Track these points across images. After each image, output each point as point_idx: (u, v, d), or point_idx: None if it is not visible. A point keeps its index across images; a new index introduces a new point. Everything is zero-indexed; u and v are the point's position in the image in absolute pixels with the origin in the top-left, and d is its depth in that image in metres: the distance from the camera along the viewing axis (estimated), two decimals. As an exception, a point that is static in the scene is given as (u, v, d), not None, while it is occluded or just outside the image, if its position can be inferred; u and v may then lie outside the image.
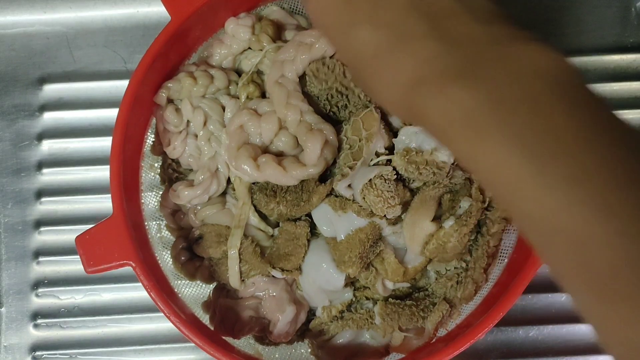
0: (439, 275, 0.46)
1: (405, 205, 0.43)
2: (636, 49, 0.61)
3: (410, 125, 0.42)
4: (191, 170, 0.47)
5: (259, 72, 0.47)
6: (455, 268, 0.45)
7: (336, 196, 0.43)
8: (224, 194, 0.46)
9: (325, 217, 0.43)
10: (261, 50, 0.45)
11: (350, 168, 0.41)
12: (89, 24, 0.60)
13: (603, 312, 0.23)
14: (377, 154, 0.43)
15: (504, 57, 0.26)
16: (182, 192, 0.45)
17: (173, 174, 0.47)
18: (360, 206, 0.41)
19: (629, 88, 0.61)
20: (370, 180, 0.41)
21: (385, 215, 0.41)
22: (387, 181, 0.41)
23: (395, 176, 0.42)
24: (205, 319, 0.47)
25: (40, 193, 0.59)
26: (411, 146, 0.42)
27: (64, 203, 0.59)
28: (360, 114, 0.42)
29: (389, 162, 0.43)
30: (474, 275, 0.44)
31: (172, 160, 0.47)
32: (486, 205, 0.43)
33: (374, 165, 0.42)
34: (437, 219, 0.43)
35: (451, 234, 0.41)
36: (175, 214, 0.47)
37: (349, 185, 0.42)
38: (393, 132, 0.43)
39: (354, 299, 0.46)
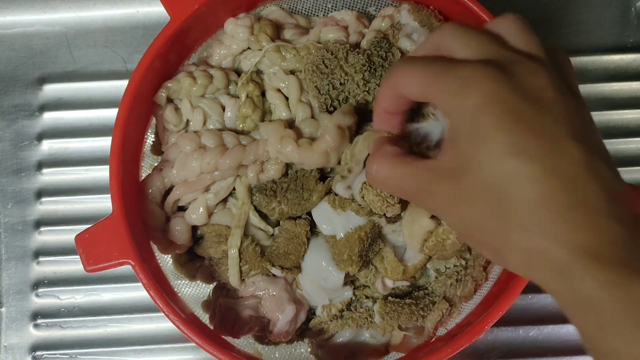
0: (438, 274, 0.46)
1: (405, 204, 0.42)
2: (636, 49, 0.61)
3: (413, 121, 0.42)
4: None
5: (259, 72, 0.47)
6: (454, 266, 0.45)
7: (335, 194, 0.43)
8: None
9: (325, 216, 0.43)
10: (260, 50, 0.45)
11: (349, 171, 0.41)
12: (89, 24, 0.60)
13: None
14: None
15: None
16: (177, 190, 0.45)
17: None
18: (359, 205, 0.41)
19: (629, 88, 0.61)
20: None
21: (384, 214, 0.41)
22: None
23: None
24: (205, 318, 0.47)
25: (40, 193, 0.59)
26: None
27: (64, 203, 0.59)
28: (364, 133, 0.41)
29: None
30: (473, 273, 0.44)
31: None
32: None
33: None
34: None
35: (450, 231, 0.41)
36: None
37: (349, 187, 0.42)
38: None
39: (353, 298, 0.46)
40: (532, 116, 0.28)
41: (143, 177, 0.46)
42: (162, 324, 0.58)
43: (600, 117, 0.60)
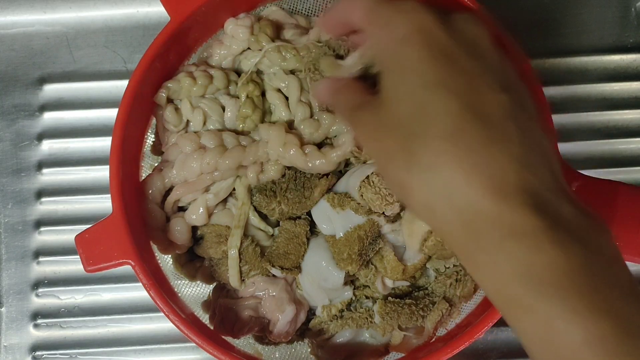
0: (438, 274, 0.46)
1: None
2: (636, 49, 0.61)
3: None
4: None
5: (259, 72, 0.47)
6: (454, 266, 0.45)
7: (335, 193, 0.43)
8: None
9: (324, 215, 0.43)
10: (260, 50, 0.45)
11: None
12: (89, 24, 0.60)
13: None
14: None
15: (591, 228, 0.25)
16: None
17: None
18: (359, 204, 0.41)
19: (629, 88, 0.61)
20: (367, 177, 0.41)
21: (383, 213, 0.41)
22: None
23: None
24: (205, 318, 0.47)
25: (40, 193, 0.59)
26: None
27: (64, 203, 0.59)
28: None
29: None
30: None
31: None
32: None
33: (371, 162, 0.43)
34: None
35: None
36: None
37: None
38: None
39: (353, 298, 0.46)
40: (460, 55, 0.27)
41: (143, 177, 0.46)
42: (162, 324, 0.58)
43: (600, 117, 0.60)
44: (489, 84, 0.27)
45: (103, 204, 0.59)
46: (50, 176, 0.59)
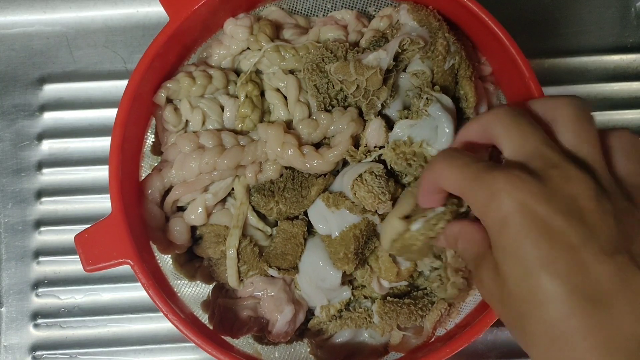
0: (427, 276, 0.45)
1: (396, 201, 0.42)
2: (636, 49, 0.61)
3: (407, 118, 0.42)
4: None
5: (258, 72, 0.47)
6: (436, 269, 0.44)
7: (330, 192, 0.43)
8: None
9: (320, 215, 0.43)
10: (259, 50, 0.46)
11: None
12: (89, 24, 0.60)
13: None
14: (370, 151, 0.43)
15: None
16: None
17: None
18: (353, 203, 0.41)
19: (629, 88, 0.61)
20: (360, 175, 0.41)
21: (376, 211, 0.41)
22: (377, 177, 0.41)
23: (385, 170, 0.42)
24: (204, 318, 0.47)
25: (40, 193, 0.59)
26: (403, 139, 0.41)
27: (64, 203, 0.59)
28: None
29: (380, 157, 0.43)
30: (451, 278, 0.43)
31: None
32: (464, 209, 0.38)
33: (365, 161, 0.42)
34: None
35: (417, 237, 0.38)
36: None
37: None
38: (390, 127, 0.43)
39: (352, 298, 0.46)
40: (560, 226, 0.26)
41: (143, 177, 0.46)
42: (162, 324, 0.58)
43: (601, 117, 0.60)
44: (593, 252, 0.26)
45: (103, 204, 0.59)
46: (50, 176, 0.59)
